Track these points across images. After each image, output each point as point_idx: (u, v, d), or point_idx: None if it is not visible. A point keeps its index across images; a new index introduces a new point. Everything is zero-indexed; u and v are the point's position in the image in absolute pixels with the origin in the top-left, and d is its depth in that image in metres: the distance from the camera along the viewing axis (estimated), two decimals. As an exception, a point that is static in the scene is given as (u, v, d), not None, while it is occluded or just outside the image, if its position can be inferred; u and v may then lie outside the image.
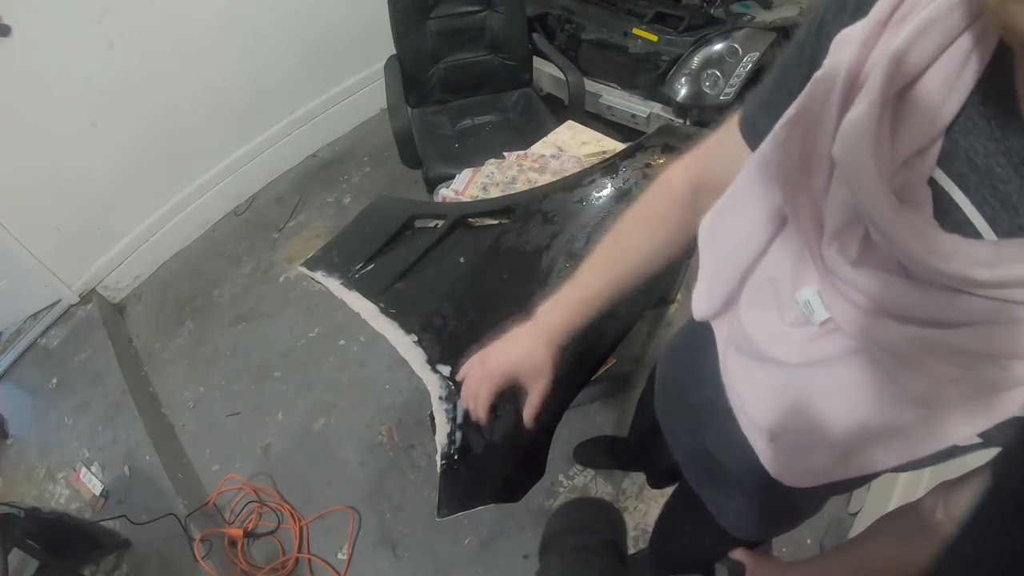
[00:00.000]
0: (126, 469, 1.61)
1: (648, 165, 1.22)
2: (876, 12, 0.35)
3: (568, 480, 1.58)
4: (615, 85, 2.24)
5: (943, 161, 0.35)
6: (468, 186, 1.38)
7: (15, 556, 1.25)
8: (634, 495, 1.56)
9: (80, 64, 1.72)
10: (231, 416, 1.78)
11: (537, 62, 2.10)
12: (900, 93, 0.34)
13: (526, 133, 1.82)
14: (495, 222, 1.15)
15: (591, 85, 2.21)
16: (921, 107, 0.34)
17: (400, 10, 1.84)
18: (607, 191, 1.16)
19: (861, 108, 0.34)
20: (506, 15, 1.93)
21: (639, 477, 1.57)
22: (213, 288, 2.14)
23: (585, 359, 0.96)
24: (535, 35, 2.05)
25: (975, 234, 0.34)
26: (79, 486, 1.57)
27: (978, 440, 0.38)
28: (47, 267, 1.89)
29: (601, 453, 1.59)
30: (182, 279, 2.20)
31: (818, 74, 0.39)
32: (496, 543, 1.48)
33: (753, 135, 0.51)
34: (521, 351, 0.65)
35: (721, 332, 0.57)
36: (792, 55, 0.46)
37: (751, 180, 0.48)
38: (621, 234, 0.63)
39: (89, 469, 1.60)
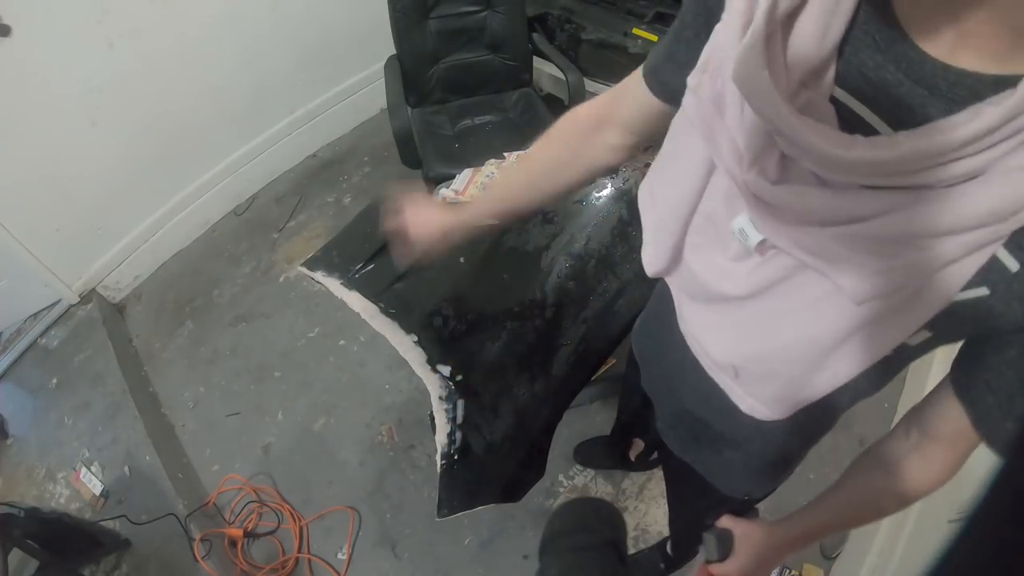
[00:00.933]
0: (126, 469, 1.62)
1: (648, 165, 1.21)
2: None
3: (568, 480, 1.58)
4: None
5: (840, 80, 0.39)
6: (468, 186, 1.38)
7: (15, 556, 1.25)
8: (634, 495, 1.56)
9: (80, 64, 1.72)
10: (231, 416, 1.78)
11: (537, 62, 2.10)
12: (788, 21, 0.38)
13: (526, 133, 1.82)
14: (495, 222, 1.15)
15: (591, 85, 2.21)
16: (807, 31, 0.38)
17: (400, 10, 1.84)
18: (607, 191, 1.16)
19: (749, 32, 0.37)
20: (506, 15, 1.93)
21: (639, 477, 1.57)
22: (213, 288, 2.14)
23: (585, 359, 0.96)
24: (535, 35, 2.04)
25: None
26: (79, 486, 1.57)
27: (928, 334, 0.41)
28: (47, 267, 1.89)
29: (601, 453, 1.59)
30: (182, 279, 2.20)
31: (718, 25, 0.42)
32: (496, 543, 1.48)
33: (656, 83, 0.56)
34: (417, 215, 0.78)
35: (674, 285, 0.60)
36: (688, 9, 0.50)
37: (678, 135, 0.52)
38: (525, 154, 0.72)
39: (89, 469, 1.60)
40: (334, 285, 1.05)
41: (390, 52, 1.95)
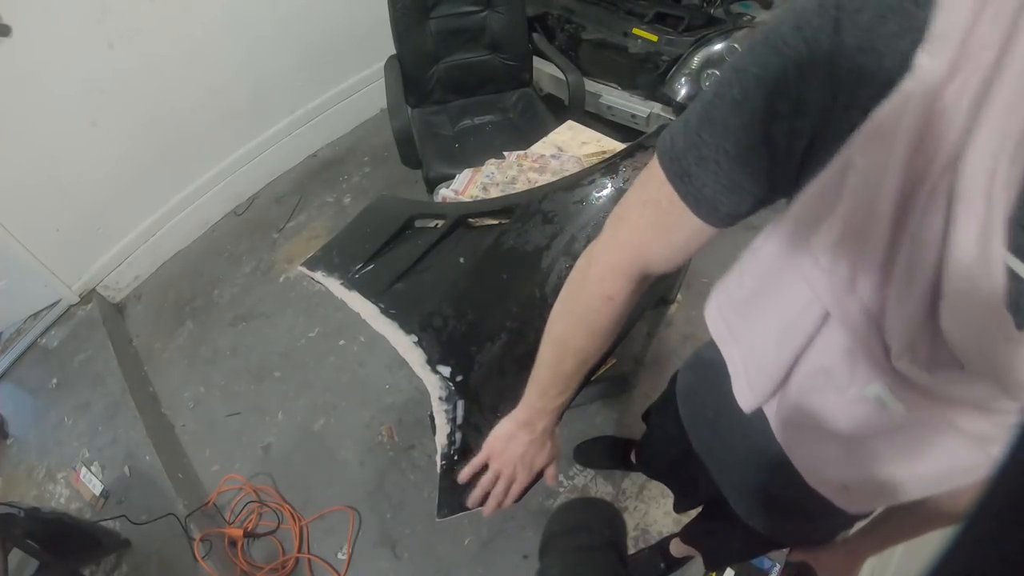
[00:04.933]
0: (126, 469, 1.62)
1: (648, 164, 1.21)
2: (926, 88, 0.30)
3: (568, 480, 1.58)
4: (615, 85, 2.24)
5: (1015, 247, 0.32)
6: (468, 186, 1.38)
7: (15, 556, 1.25)
8: (634, 495, 1.56)
9: (80, 64, 1.72)
10: (231, 416, 1.78)
11: (537, 62, 2.10)
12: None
13: (526, 133, 1.82)
14: (495, 222, 1.15)
15: (591, 85, 2.21)
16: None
17: (400, 10, 1.84)
18: (607, 191, 1.16)
19: (973, 270, 0.30)
20: (506, 15, 1.93)
21: (639, 477, 1.57)
22: (213, 288, 2.14)
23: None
24: (535, 35, 2.05)
25: None
26: (79, 486, 1.57)
27: None
28: (47, 267, 1.89)
29: (601, 453, 1.59)
30: (182, 279, 2.20)
31: (858, 183, 0.34)
32: (496, 543, 1.48)
33: (714, 217, 0.45)
34: (531, 461, 0.75)
35: (771, 411, 0.55)
36: (748, 125, 0.38)
37: (774, 278, 0.46)
38: (565, 340, 0.62)
39: (89, 469, 1.60)
40: (334, 285, 1.05)
41: (390, 52, 1.95)
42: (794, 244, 0.44)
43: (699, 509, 1.07)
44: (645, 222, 0.49)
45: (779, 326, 0.47)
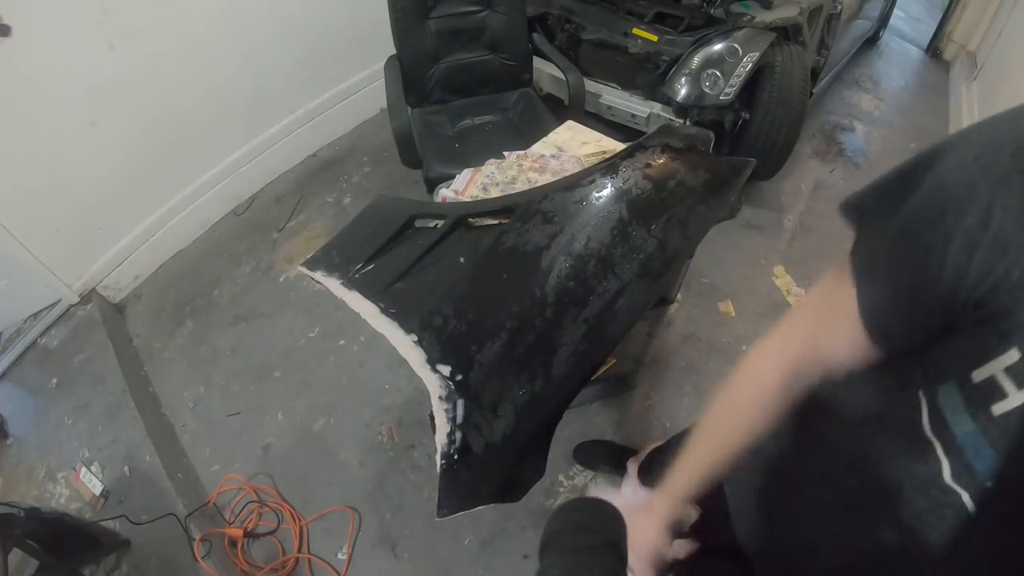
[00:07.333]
0: (126, 469, 1.61)
1: (648, 165, 1.21)
2: None
3: (568, 480, 1.58)
4: (615, 85, 2.24)
5: None
6: (468, 186, 1.38)
7: (15, 556, 1.25)
8: (634, 495, 1.56)
9: (80, 64, 1.72)
10: (231, 416, 1.78)
11: (537, 62, 2.10)
12: None
13: (526, 133, 1.83)
14: (495, 222, 1.15)
15: (591, 85, 2.21)
16: None
17: (400, 10, 1.84)
18: (607, 191, 1.16)
19: None
20: (506, 15, 1.93)
21: (639, 477, 1.57)
22: (213, 288, 2.14)
23: (585, 359, 0.96)
24: (535, 35, 2.05)
25: None
26: (79, 486, 1.57)
27: None
28: (47, 267, 1.89)
29: (601, 456, 1.59)
30: (182, 279, 2.20)
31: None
32: (496, 543, 1.48)
33: (881, 335, 0.43)
34: (650, 545, 0.74)
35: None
36: (926, 264, 0.34)
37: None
38: (713, 428, 0.64)
39: (89, 469, 1.60)
40: (334, 285, 1.05)
41: (390, 52, 1.95)
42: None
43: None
44: (808, 315, 0.50)
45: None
